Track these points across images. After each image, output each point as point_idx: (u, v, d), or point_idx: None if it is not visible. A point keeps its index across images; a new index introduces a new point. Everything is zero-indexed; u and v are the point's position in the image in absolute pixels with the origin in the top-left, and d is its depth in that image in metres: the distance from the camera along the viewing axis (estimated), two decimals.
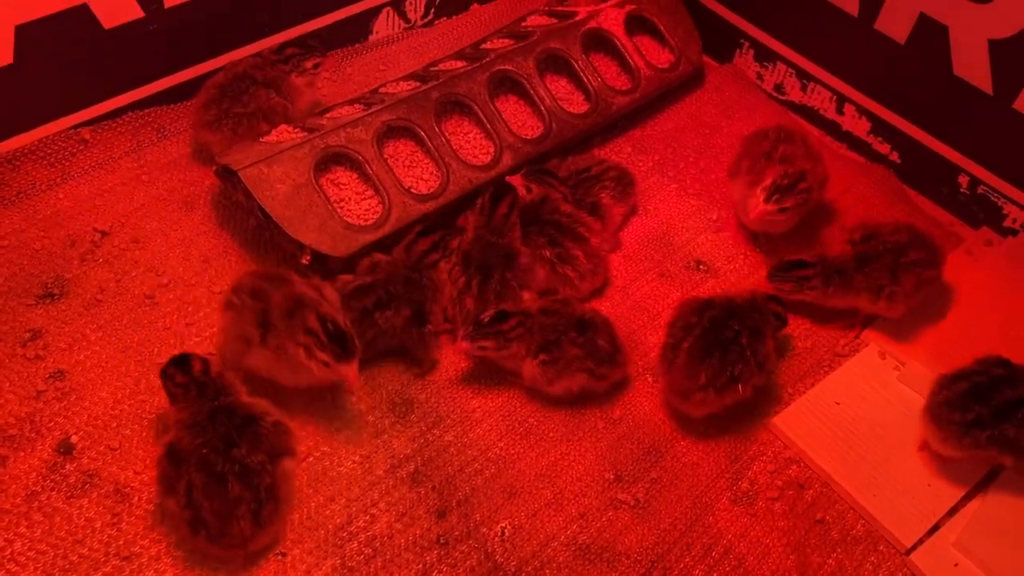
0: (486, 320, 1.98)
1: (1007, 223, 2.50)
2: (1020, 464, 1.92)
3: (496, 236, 2.12)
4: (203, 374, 1.76)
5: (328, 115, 2.34)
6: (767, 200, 2.22)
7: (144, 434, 1.90)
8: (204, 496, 1.65)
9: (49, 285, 2.12)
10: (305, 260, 2.12)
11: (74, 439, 1.87)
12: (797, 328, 2.28)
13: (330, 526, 1.82)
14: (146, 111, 2.49)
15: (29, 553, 1.71)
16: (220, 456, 1.67)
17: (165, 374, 1.78)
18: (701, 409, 2.02)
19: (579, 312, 2.06)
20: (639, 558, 1.85)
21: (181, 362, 1.77)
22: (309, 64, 2.41)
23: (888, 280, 2.16)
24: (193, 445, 1.69)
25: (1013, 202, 2.45)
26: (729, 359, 1.96)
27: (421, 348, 2.08)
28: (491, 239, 2.12)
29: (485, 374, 2.11)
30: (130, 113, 2.47)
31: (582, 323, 2.03)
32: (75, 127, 2.40)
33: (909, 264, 2.16)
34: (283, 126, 2.29)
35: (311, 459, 1.91)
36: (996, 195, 2.48)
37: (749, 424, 2.10)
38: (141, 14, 2.32)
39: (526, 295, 2.17)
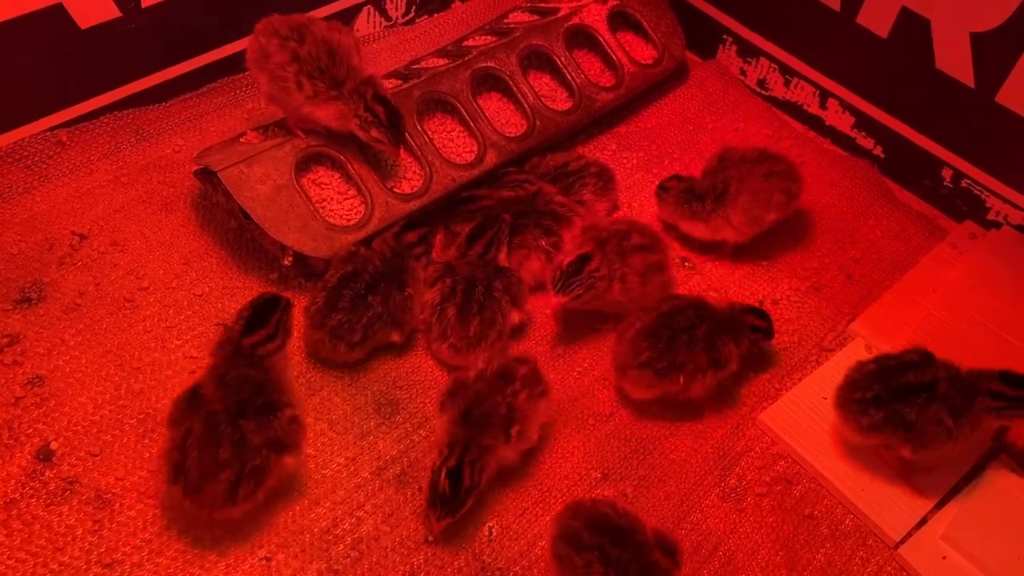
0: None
1: (991, 216, 2.50)
2: (920, 457, 1.88)
3: (484, 264, 2.10)
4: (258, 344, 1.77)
5: None
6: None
7: (125, 439, 1.88)
8: (196, 446, 1.65)
9: (26, 290, 2.08)
10: (287, 261, 2.10)
11: (54, 445, 1.84)
12: (783, 324, 2.27)
13: (316, 529, 1.80)
14: (124, 112, 2.46)
15: (8, 562, 1.68)
16: (227, 418, 1.66)
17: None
18: (637, 389, 2.00)
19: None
20: None
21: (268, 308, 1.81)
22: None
23: (618, 264, 2.10)
24: (214, 396, 1.69)
25: (996, 195, 2.46)
26: (675, 345, 1.95)
27: (406, 313, 2.06)
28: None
29: None
30: (108, 115, 2.44)
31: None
32: (52, 129, 2.37)
33: (632, 248, 2.13)
34: (251, 132, 2.26)
35: None
36: (979, 188, 2.49)
37: (736, 420, 2.09)
38: (118, 14, 2.29)
39: (515, 315, 2.11)
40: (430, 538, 1.81)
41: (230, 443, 1.65)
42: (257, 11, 2.12)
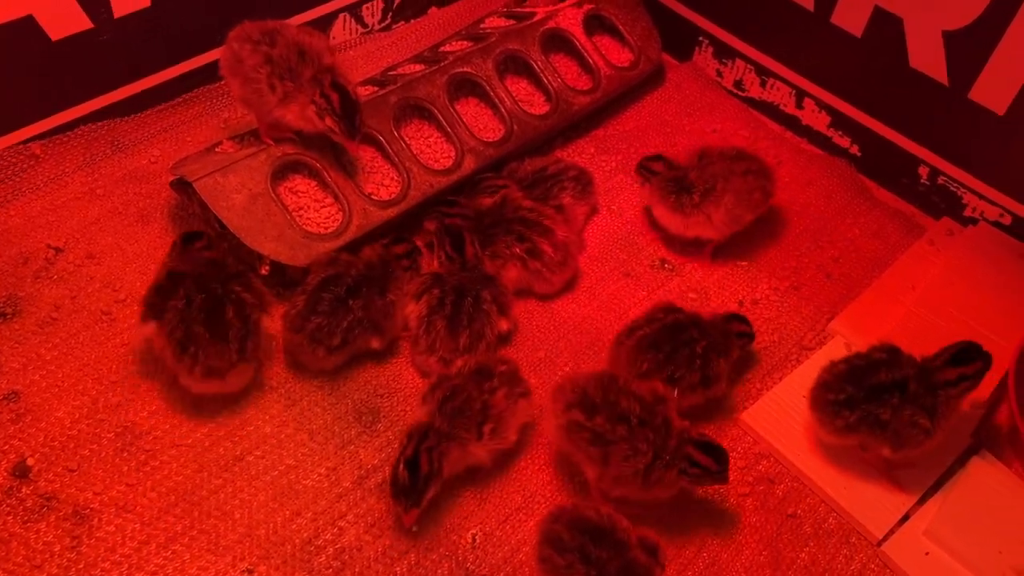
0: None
1: (967, 212, 2.52)
2: (900, 455, 1.88)
3: (470, 272, 2.11)
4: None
5: None
6: None
7: (103, 453, 1.86)
8: (201, 311, 1.81)
9: (1, 304, 2.06)
10: (264, 270, 2.09)
11: (30, 461, 1.82)
12: (763, 323, 2.28)
13: (297, 540, 1.79)
14: (99, 124, 2.44)
15: None
16: (219, 284, 1.86)
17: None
18: None
19: None
20: None
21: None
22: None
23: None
24: (197, 272, 1.88)
25: (973, 192, 2.47)
26: (676, 359, 1.95)
27: (388, 319, 2.05)
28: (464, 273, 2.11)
29: None
30: (82, 126, 2.42)
31: None
32: (25, 142, 2.35)
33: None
34: (227, 141, 2.24)
35: (275, 473, 1.88)
36: (956, 185, 2.50)
37: (718, 420, 2.09)
38: (90, 25, 2.27)
39: (504, 324, 2.11)
40: (414, 528, 1.80)
41: (231, 304, 1.85)
42: (231, 20, 2.11)
